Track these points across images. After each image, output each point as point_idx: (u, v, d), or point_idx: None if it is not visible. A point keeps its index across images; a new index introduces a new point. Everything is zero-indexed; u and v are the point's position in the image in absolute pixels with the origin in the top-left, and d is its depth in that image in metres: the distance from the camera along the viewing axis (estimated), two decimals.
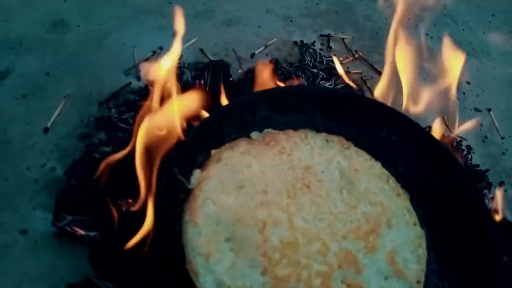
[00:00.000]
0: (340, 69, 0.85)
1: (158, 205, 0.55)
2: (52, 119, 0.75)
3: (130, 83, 0.82)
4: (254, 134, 0.67)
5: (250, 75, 0.81)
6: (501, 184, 0.86)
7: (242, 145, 0.65)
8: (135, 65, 0.85)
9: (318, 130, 0.70)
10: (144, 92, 0.80)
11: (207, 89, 0.76)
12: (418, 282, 0.60)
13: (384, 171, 0.68)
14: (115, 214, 0.62)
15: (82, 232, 0.63)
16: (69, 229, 0.63)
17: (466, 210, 0.63)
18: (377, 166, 0.68)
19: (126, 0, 0.96)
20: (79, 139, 0.74)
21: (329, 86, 0.85)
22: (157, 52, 0.88)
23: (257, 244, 0.57)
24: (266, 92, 0.68)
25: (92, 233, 0.63)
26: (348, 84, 0.87)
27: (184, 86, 0.77)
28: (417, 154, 0.69)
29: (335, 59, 0.85)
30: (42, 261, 0.63)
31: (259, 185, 0.61)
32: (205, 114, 0.67)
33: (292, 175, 0.63)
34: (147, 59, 0.86)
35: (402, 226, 0.63)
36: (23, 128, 0.74)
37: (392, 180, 0.67)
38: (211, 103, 0.70)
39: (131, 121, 0.73)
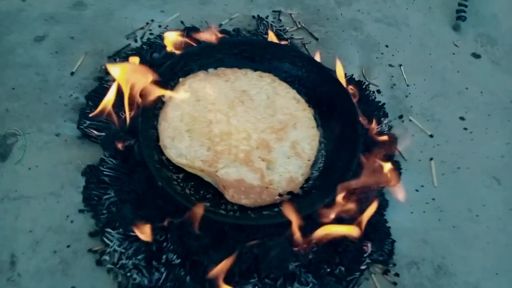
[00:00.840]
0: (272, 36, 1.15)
1: (143, 109, 0.89)
2: (76, 67, 1.09)
3: (129, 44, 1.16)
4: (210, 70, 1.00)
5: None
6: (400, 117, 1.18)
7: (201, 75, 0.98)
8: (133, 32, 1.19)
9: (255, 69, 1.03)
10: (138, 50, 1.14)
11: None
12: (308, 160, 0.92)
13: (297, 95, 1.00)
14: (116, 120, 0.95)
15: (96, 132, 0.97)
16: (87, 130, 0.97)
17: (345, 114, 0.95)
18: (292, 92, 1.00)
19: None
20: (94, 80, 1.08)
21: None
22: (149, 23, 1.22)
23: (205, 133, 0.90)
24: (220, 40, 1.02)
25: (103, 133, 0.97)
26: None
27: None
28: (321, 84, 1.01)
29: (270, 32, 1.15)
30: (70, 152, 0.96)
31: (210, 99, 0.94)
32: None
33: (233, 94, 0.96)
34: (142, 28, 1.21)
35: (304, 128, 0.96)
36: (56, 73, 1.08)
37: (301, 100, 1.00)
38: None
39: None
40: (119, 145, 0.91)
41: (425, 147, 1.13)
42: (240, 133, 0.91)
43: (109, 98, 0.92)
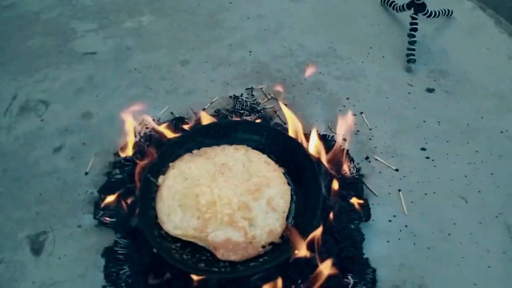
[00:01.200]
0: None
1: (142, 192, 1.09)
2: (88, 167, 1.32)
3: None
4: (194, 151, 1.21)
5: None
6: (367, 158, 1.34)
7: (186, 157, 1.19)
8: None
9: (231, 143, 1.24)
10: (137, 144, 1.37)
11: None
12: (284, 212, 1.09)
13: (268, 159, 1.19)
14: (124, 206, 1.16)
15: (109, 219, 1.17)
16: (102, 219, 1.18)
17: (306, 167, 1.13)
18: (263, 157, 1.19)
19: (127, 92, 1.55)
20: (104, 175, 1.31)
21: (249, 119, 1.39)
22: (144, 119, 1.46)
23: (194, 205, 1.09)
24: (198, 128, 1.24)
25: (113, 219, 1.17)
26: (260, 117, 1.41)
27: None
28: (284, 146, 1.20)
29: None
30: (91, 239, 1.16)
31: (196, 176, 1.14)
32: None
33: (214, 168, 1.16)
34: (139, 124, 1.44)
35: (276, 185, 1.13)
36: (74, 175, 1.31)
37: (271, 163, 1.18)
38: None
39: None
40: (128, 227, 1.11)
41: (393, 180, 1.28)
42: (223, 200, 1.10)
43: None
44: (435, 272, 1.09)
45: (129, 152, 1.30)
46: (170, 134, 1.31)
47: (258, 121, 1.37)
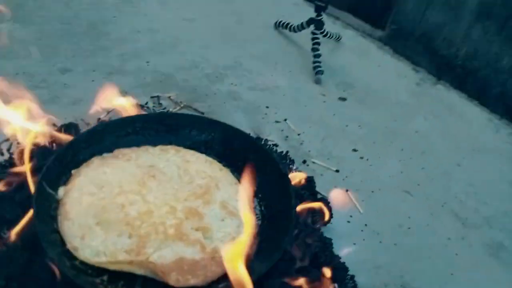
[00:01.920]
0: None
1: (36, 212, 0.72)
2: None
3: None
4: (105, 154, 0.89)
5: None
6: (304, 161, 1.20)
7: (96, 161, 0.86)
8: None
9: (155, 145, 0.95)
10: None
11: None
12: None
13: (208, 158, 0.95)
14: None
15: None
16: None
17: (265, 164, 0.92)
18: (202, 156, 0.94)
19: None
20: None
21: None
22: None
23: (121, 219, 0.76)
24: (109, 122, 0.92)
25: None
26: None
27: None
28: (230, 142, 0.97)
29: None
30: None
31: (115, 182, 0.82)
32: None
33: (140, 171, 0.86)
34: (7, 140, 1.04)
35: (227, 186, 0.89)
36: None
37: (214, 161, 0.94)
38: None
39: None
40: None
41: (336, 181, 1.16)
42: (162, 208, 0.80)
43: None
44: (411, 268, 0.97)
45: None
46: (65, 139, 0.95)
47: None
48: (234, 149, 0.97)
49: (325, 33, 1.69)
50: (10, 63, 1.29)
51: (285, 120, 1.34)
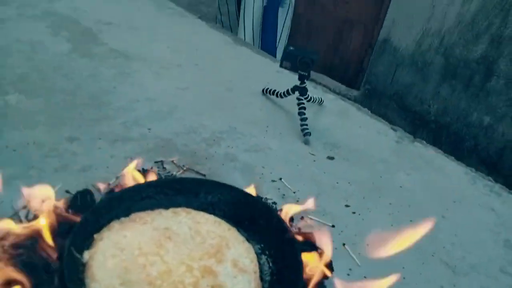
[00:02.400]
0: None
1: (67, 275, 0.77)
2: None
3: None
4: (123, 218, 0.95)
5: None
6: (302, 218, 1.28)
7: (115, 225, 0.92)
8: (16, 213, 1.07)
9: (167, 207, 1.02)
10: None
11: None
12: (255, 272, 0.91)
13: (217, 219, 1.02)
14: None
15: None
16: None
17: (271, 222, 1.00)
18: (211, 217, 1.02)
19: None
20: None
21: None
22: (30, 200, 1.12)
23: (143, 279, 0.82)
24: (125, 190, 0.99)
25: None
26: None
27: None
28: (236, 203, 1.06)
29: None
30: None
31: (135, 244, 0.88)
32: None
33: (156, 233, 0.92)
34: (24, 207, 1.09)
35: (236, 245, 0.96)
36: None
37: (222, 222, 1.02)
38: None
39: None
40: None
41: (333, 236, 1.23)
42: (180, 267, 0.86)
43: None
44: None
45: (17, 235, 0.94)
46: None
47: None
48: (239, 208, 1.05)
49: (309, 98, 1.84)
50: (20, 134, 1.36)
51: (280, 179, 1.43)
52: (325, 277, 1.05)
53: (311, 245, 1.11)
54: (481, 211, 1.48)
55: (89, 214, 0.91)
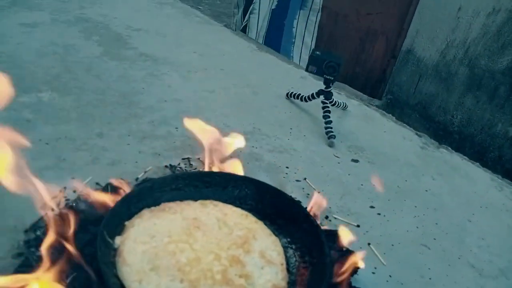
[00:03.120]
0: None
1: (100, 257, 0.79)
2: None
3: (46, 213, 1.06)
4: (153, 208, 0.97)
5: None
6: (326, 217, 1.28)
7: (146, 213, 0.94)
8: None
9: (195, 199, 1.04)
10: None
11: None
12: (281, 264, 0.91)
13: (244, 212, 1.03)
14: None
15: None
16: None
17: (299, 216, 1.00)
18: (238, 210, 1.03)
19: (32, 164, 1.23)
20: (13, 257, 0.92)
21: None
22: (62, 191, 1.15)
23: (173, 265, 0.83)
24: (155, 180, 1.02)
25: None
26: None
27: None
28: (262, 197, 1.07)
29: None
30: None
31: (165, 232, 0.90)
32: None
33: (186, 223, 0.94)
34: (55, 197, 1.13)
35: (263, 237, 0.97)
36: None
37: (249, 215, 1.03)
38: None
39: None
40: None
41: (358, 236, 1.22)
42: (208, 256, 0.87)
43: None
44: None
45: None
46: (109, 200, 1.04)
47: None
48: (265, 202, 1.06)
49: (333, 102, 1.85)
50: (53, 128, 1.41)
51: (305, 179, 1.44)
52: (354, 272, 1.05)
53: (335, 242, 1.12)
54: (508, 217, 1.45)
55: (120, 203, 0.93)
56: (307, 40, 3.05)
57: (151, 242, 0.87)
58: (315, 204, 1.16)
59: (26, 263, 0.89)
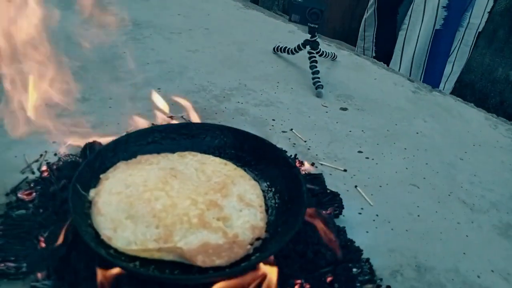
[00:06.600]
0: None
1: (73, 208, 0.79)
2: None
3: (27, 177, 1.06)
4: (129, 160, 0.97)
5: None
6: (312, 164, 1.27)
7: (121, 165, 0.93)
8: (28, 165, 1.10)
9: (173, 152, 1.03)
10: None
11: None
12: (260, 206, 0.91)
13: (223, 160, 1.02)
14: (40, 241, 0.82)
15: (12, 264, 0.80)
16: (3, 266, 0.79)
17: (276, 158, 0.99)
18: (217, 159, 1.02)
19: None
20: None
21: None
22: (43, 155, 1.15)
23: (148, 212, 0.83)
24: (130, 134, 1.01)
25: (23, 263, 0.80)
26: None
27: None
28: (241, 143, 1.05)
29: None
30: None
31: (140, 182, 0.89)
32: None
33: (162, 172, 0.93)
34: (36, 161, 1.12)
35: (242, 182, 0.95)
36: None
37: (229, 163, 1.01)
38: None
39: None
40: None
41: (345, 179, 1.22)
42: (185, 201, 0.86)
43: None
44: (424, 250, 1.01)
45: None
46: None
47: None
48: (245, 150, 1.05)
49: (321, 52, 1.80)
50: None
51: (291, 129, 1.41)
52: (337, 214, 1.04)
53: (320, 185, 1.10)
54: (503, 153, 1.43)
55: (94, 157, 0.92)
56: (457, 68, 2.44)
57: (126, 192, 0.87)
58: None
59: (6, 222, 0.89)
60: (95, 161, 0.92)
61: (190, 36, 1.99)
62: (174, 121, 1.34)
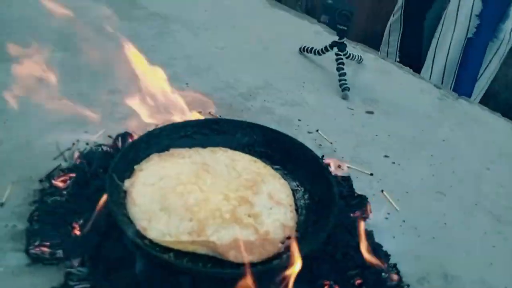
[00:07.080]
0: None
1: (109, 197, 0.80)
2: (4, 197, 0.95)
3: (60, 164, 1.08)
4: (162, 153, 0.98)
5: None
6: (339, 166, 1.26)
7: (154, 158, 0.95)
8: (61, 153, 1.12)
9: (204, 147, 1.04)
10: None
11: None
12: (290, 205, 0.91)
13: (252, 157, 1.03)
14: (74, 228, 0.83)
15: (48, 250, 0.82)
16: (38, 253, 0.81)
17: (307, 159, 0.99)
18: (247, 156, 1.03)
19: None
20: (30, 204, 0.95)
21: None
22: (75, 144, 1.17)
23: (181, 205, 0.84)
24: (164, 127, 1.02)
25: (58, 250, 0.82)
26: None
27: None
28: (271, 142, 1.06)
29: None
30: (23, 283, 0.79)
31: (173, 175, 0.91)
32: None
33: (195, 167, 0.94)
34: (69, 149, 1.15)
35: (272, 181, 0.96)
36: None
37: (258, 160, 1.02)
38: None
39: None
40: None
41: (371, 184, 1.22)
42: (217, 196, 0.88)
43: None
44: (450, 259, 1.01)
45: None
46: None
47: None
48: (274, 148, 1.06)
49: (347, 54, 1.79)
50: (65, 86, 1.42)
51: (317, 130, 1.42)
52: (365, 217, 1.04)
53: (348, 187, 1.11)
54: None
55: (128, 148, 0.94)
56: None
57: (159, 183, 0.88)
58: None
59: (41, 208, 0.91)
60: (129, 152, 0.93)
61: (217, 33, 2.00)
62: (202, 117, 1.35)
